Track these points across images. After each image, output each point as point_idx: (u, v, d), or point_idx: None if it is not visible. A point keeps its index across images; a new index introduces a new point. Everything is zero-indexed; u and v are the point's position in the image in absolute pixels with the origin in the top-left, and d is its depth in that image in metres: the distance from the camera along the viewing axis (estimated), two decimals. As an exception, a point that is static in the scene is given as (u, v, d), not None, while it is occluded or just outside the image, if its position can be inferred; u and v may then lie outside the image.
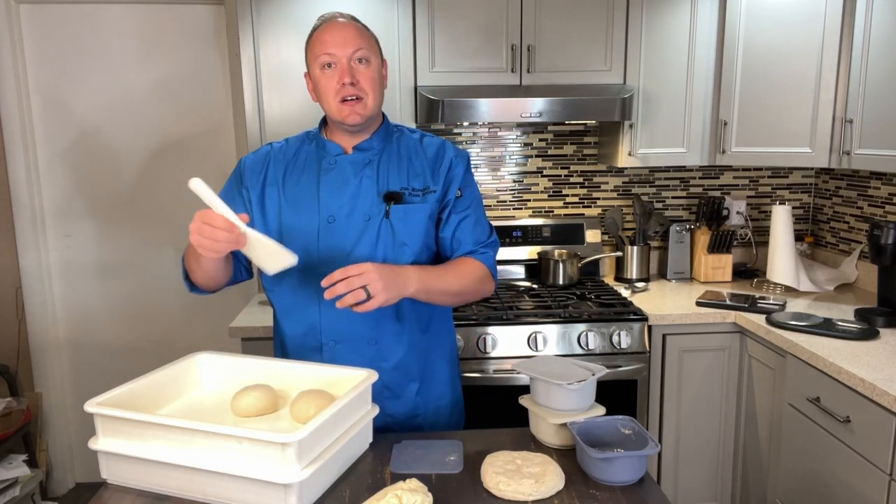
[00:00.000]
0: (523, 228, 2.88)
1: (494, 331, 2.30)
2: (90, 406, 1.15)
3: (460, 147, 2.13)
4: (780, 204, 2.61)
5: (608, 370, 1.65)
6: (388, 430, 1.49)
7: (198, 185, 1.23)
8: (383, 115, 1.52)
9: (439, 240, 1.51)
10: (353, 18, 1.46)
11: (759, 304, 2.39)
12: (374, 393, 1.45)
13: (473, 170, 2.87)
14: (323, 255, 1.43)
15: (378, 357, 1.47)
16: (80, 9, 2.75)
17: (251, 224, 1.34)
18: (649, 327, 2.37)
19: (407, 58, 2.46)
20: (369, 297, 1.26)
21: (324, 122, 1.53)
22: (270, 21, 2.41)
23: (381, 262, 1.40)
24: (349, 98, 1.39)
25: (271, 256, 1.26)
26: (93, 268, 2.93)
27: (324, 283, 1.26)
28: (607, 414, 1.31)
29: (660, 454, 2.48)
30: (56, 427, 2.98)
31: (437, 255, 1.54)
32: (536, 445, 1.33)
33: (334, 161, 1.46)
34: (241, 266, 1.52)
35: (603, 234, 2.98)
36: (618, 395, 2.34)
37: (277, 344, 1.58)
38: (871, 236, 2.14)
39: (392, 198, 1.45)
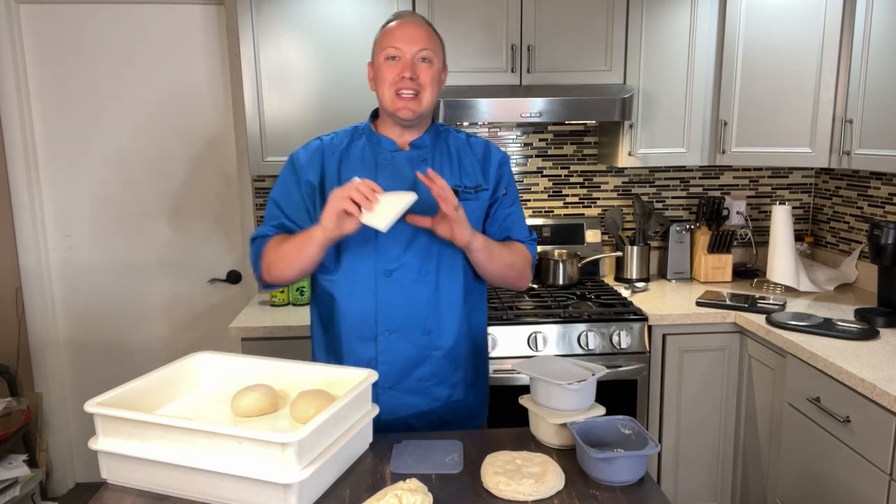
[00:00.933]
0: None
1: (494, 331, 2.30)
2: (90, 406, 1.15)
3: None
4: (780, 204, 2.61)
5: (608, 370, 1.65)
6: (431, 413, 1.54)
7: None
8: (432, 116, 1.57)
9: (486, 234, 1.57)
10: (425, 20, 1.51)
11: (759, 304, 2.39)
12: (424, 379, 1.52)
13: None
14: (380, 248, 1.47)
15: (430, 346, 1.52)
16: (80, 9, 2.75)
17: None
18: (649, 327, 2.37)
19: (407, 58, 2.46)
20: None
21: (373, 115, 1.57)
22: (270, 21, 2.41)
23: (437, 257, 1.48)
24: (406, 93, 1.43)
25: (388, 206, 1.29)
26: (93, 268, 2.93)
27: (420, 176, 1.33)
28: (607, 414, 1.31)
29: (660, 454, 2.48)
30: (56, 427, 2.98)
31: None
32: (536, 445, 1.33)
33: (391, 157, 1.50)
34: None
35: (603, 234, 2.98)
36: (618, 395, 2.34)
37: (320, 341, 1.59)
38: (871, 236, 2.14)
39: None
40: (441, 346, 1.52)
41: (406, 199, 1.30)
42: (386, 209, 1.29)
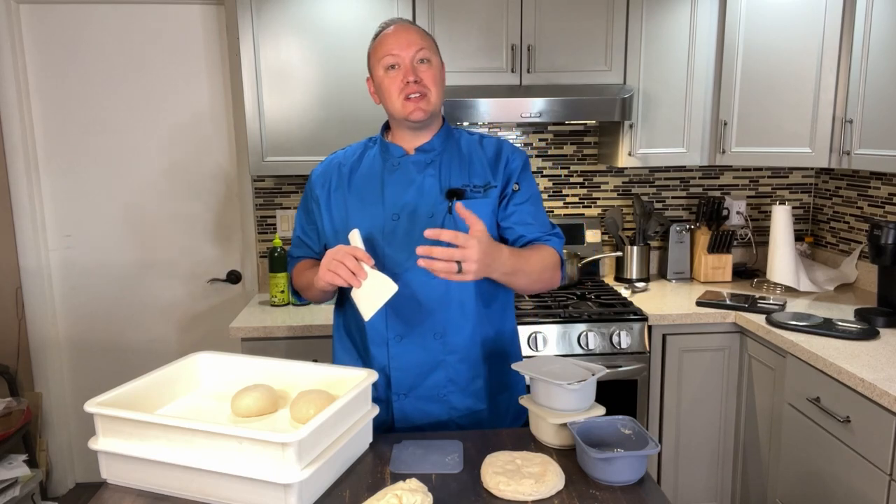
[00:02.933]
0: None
1: (494, 331, 2.29)
2: (90, 406, 1.15)
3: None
4: (780, 204, 2.61)
5: (608, 370, 1.65)
6: (450, 423, 1.51)
7: (355, 235, 1.40)
8: (443, 118, 1.56)
9: (502, 231, 1.54)
10: (412, 23, 1.52)
11: (759, 304, 2.39)
12: (440, 386, 1.49)
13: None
14: (389, 251, 1.46)
15: (444, 350, 1.49)
16: (81, 9, 2.75)
17: (325, 230, 1.53)
18: (649, 327, 2.37)
19: (407, 58, 2.46)
20: (459, 271, 1.25)
21: (385, 126, 1.58)
22: (270, 21, 2.41)
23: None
24: (413, 95, 1.43)
25: (374, 291, 1.33)
26: (93, 268, 2.93)
27: (427, 234, 1.24)
28: (607, 414, 1.31)
29: (660, 454, 2.48)
30: (56, 427, 2.98)
31: None
32: (536, 445, 1.33)
33: (398, 162, 1.51)
34: None
35: (603, 234, 2.98)
36: (618, 395, 2.34)
37: (342, 346, 1.59)
38: (871, 236, 2.14)
39: (455, 194, 1.48)
40: (456, 350, 1.49)
41: (389, 290, 1.32)
42: (372, 291, 1.33)
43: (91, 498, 1.16)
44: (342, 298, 1.58)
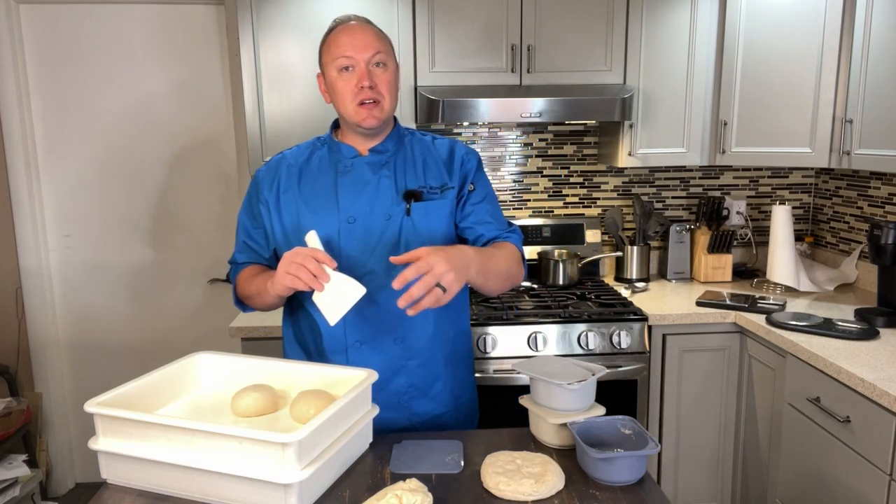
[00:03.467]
0: (523, 228, 2.87)
1: (494, 331, 2.30)
2: (90, 406, 1.15)
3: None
4: (780, 204, 2.61)
5: (608, 370, 1.65)
6: (413, 430, 1.49)
7: (313, 237, 1.34)
8: (394, 118, 1.53)
9: (460, 231, 1.52)
10: (369, 21, 1.45)
11: (759, 304, 2.39)
12: (401, 392, 1.47)
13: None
14: (345, 255, 1.43)
15: (405, 355, 1.47)
16: (80, 9, 2.75)
17: (275, 232, 1.47)
18: (649, 327, 2.37)
19: (407, 58, 2.46)
20: (443, 292, 1.21)
21: (335, 125, 1.54)
22: (270, 21, 2.41)
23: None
24: (367, 101, 1.39)
25: (339, 295, 1.27)
26: (93, 268, 2.93)
27: (397, 284, 1.19)
28: (607, 414, 1.31)
29: (660, 454, 2.48)
30: (56, 427, 2.98)
31: None
32: (536, 445, 1.33)
33: (351, 163, 1.47)
34: None
35: (603, 234, 2.98)
36: (618, 395, 2.34)
37: (291, 346, 1.56)
38: (871, 236, 2.14)
39: (412, 196, 1.45)
40: (417, 354, 1.47)
41: (356, 293, 1.28)
42: (336, 295, 1.27)
43: (91, 498, 1.16)
44: (292, 306, 1.54)
